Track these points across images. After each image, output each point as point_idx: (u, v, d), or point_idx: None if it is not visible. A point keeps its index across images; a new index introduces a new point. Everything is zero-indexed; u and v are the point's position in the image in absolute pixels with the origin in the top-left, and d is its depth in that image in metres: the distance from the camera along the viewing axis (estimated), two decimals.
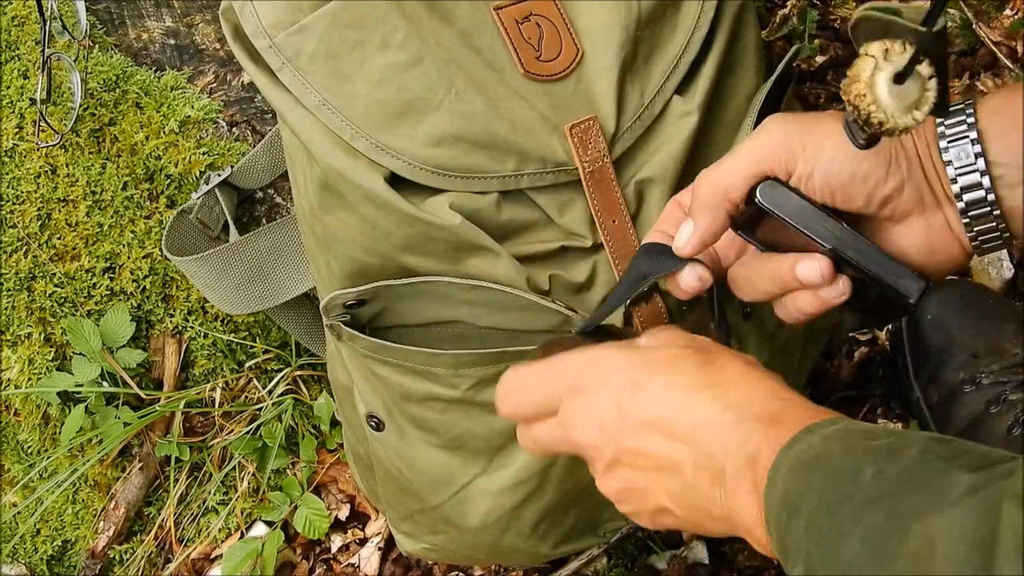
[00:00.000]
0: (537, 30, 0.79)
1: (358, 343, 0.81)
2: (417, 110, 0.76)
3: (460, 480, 0.85)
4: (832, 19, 1.31)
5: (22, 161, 1.06)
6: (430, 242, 0.76)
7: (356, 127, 0.75)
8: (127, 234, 1.07)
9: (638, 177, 0.80)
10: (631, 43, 0.79)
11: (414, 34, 0.76)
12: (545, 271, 0.79)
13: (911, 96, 0.52)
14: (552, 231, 0.79)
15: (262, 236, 0.97)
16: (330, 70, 0.76)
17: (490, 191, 0.77)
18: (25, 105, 1.06)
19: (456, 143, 0.76)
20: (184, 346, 1.11)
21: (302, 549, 1.15)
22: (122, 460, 1.14)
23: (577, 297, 0.80)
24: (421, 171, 0.76)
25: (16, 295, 1.08)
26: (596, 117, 0.78)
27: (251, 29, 0.77)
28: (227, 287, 0.98)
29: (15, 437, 1.15)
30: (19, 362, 1.10)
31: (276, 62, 0.76)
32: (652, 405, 0.63)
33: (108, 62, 1.06)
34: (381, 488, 0.92)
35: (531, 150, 0.77)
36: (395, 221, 0.76)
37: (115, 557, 1.15)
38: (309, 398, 1.13)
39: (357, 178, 0.75)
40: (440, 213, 0.75)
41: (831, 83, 1.29)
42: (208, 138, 1.06)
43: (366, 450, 0.91)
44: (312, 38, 0.76)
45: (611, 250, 0.80)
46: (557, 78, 0.79)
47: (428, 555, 0.95)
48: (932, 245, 0.65)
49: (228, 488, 1.15)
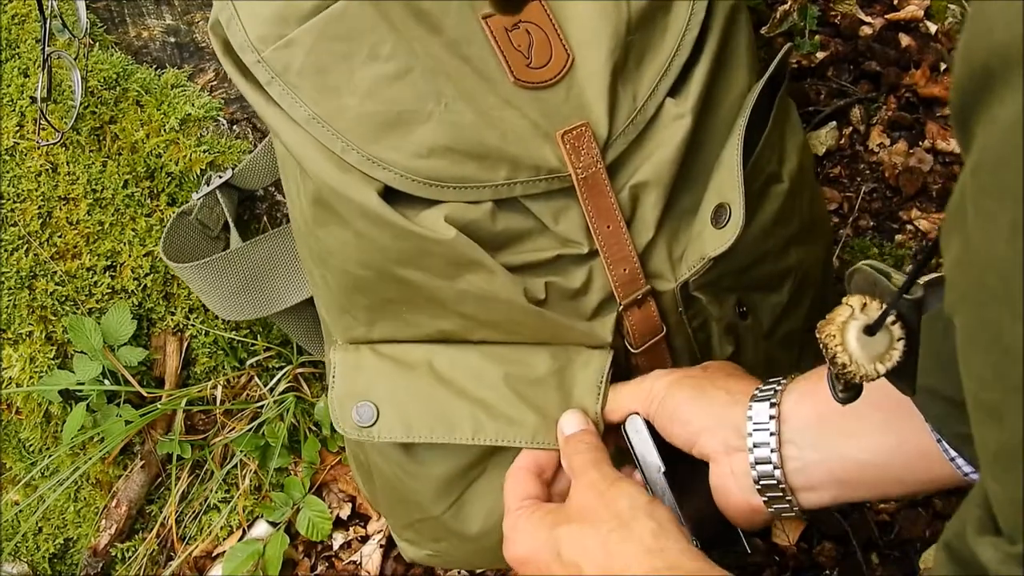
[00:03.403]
0: (527, 37, 0.79)
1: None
2: (407, 121, 0.75)
3: (461, 484, 0.85)
4: (833, 15, 1.31)
5: (23, 159, 1.06)
6: (426, 256, 0.76)
7: (347, 140, 0.75)
8: (128, 232, 1.07)
9: (632, 182, 0.79)
10: (621, 47, 0.79)
11: (402, 45, 0.76)
12: (541, 279, 0.79)
13: (878, 349, 0.56)
14: (548, 239, 0.79)
15: (258, 245, 0.97)
16: (319, 84, 0.75)
17: (483, 200, 0.77)
18: (26, 103, 1.06)
19: (447, 153, 0.75)
20: (185, 344, 1.11)
21: (304, 547, 1.15)
22: (124, 458, 1.14)
23: (572, 303, 0.80)
24: (413, 183, 0.75)
25: (17, 293, 1.08)
26: (588, 123, 0.78)
27: (239, 43, 0.77)
28: (222, 295, 0.98)
29: (17, 435, 1.15)
30: (20, 360, 1.10)
31: (265, 76, 0.76)
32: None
33: (108, 60, 1.06)
34: (381, 497, 0.92)
35: (523, 158, 0.77)
36: (390, 235, 0.75)
37: (117, 555, 1.15)
38: (311, 396, 1.13)
39: (351, 193, 0.75)
40: (435, 227, 0.75)
41: (831, 79, 1.29)
42: (209, 136, 1.06)
43: (367, 458, 0.91)
44: (300, 52, 0.75)
45: (605, 256, 0.79)
46: (548, 85, 0.79)
47: (432, 561, 0.95)
48: (723, 489, 0.76)
49: (230, 486, 1.15)
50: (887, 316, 0.55)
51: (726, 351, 0.85)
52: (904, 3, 1.32)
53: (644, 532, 0.68)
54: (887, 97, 1.27)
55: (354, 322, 0.83)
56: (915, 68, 1.28)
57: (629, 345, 0.82)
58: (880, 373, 0.56)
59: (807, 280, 0.90)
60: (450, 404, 0.80)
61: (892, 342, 0.56)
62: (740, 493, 0.75)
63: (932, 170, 1.23)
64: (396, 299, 0.80)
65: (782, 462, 0.72)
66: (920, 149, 1.25)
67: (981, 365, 0.41)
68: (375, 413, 0.81)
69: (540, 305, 0.78)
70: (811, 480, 0.73)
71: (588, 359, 0.81)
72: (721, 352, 0.85)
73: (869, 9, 1.33)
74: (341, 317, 0.84)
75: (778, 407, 0.73)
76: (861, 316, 0.56)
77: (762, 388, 0.75)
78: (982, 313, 0.40)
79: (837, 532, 1.06)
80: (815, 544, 1.06)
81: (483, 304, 0.78)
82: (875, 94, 1.28)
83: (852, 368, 0.56)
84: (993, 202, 0.38)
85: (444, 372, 0.81)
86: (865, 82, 1.28)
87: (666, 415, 0.77)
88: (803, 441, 0.72)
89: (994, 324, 0.39)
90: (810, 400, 0.72)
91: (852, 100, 1.27)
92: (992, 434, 0.41)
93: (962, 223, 0.40)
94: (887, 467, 0.71)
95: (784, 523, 1.06)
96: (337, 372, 0.83)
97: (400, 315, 0.81)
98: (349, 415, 0.81)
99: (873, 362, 0.56)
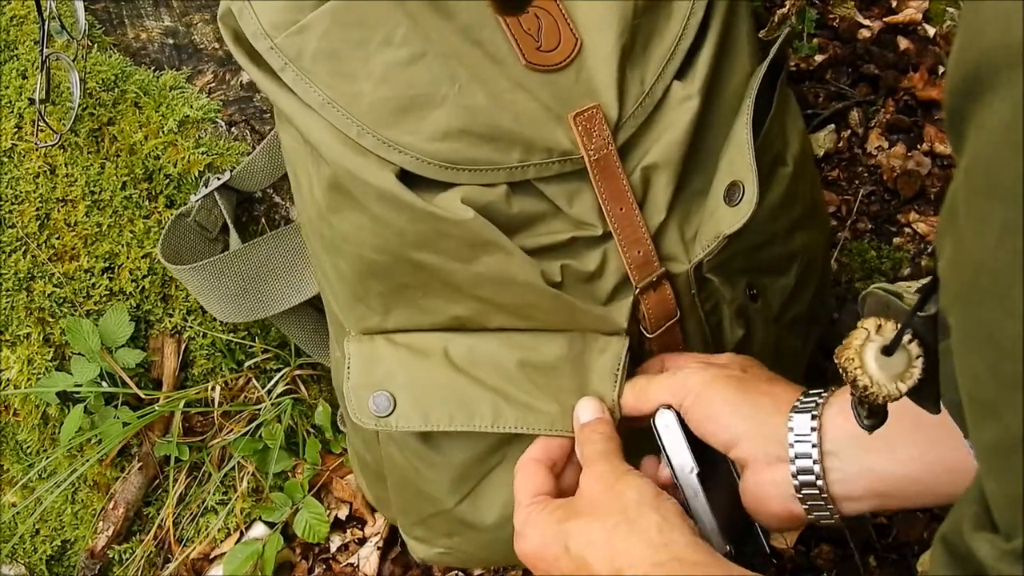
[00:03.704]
0: (536, 21, 0.80)
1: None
2: (421, 105, 0.76)
3: (478, 473, 0.85)
4: (831, 18, 1.32)
5: (21, 161, 1.06)
6: (443, 239, 0.76)
7: (362, 124, 0.75)
8: (126, 234, 1.07)
9: (643, 163, 0.80)
10: (629, 32, 0.80)
11: (416, 30, 0.77)
12: (557, 262, 0.79)
13: (897, 368, 0.57)
14: (562, 221, 0.80)
15: (257, 247, 0.97)
16: (333, 69, 0.76)
17: (498, 183, 0.77)
18: (24, 105, 1.06)
19: (462, 136, 0.76)
20: (183, 346, 1.11)
21: (301, 549, 1.15)
22: (121, 460, 1.14)
23: (588, 286, 0.80)
24: (429, 166, 0.76)
25: (15, 295, 1.08)
26: (599, 105, 0.79)
27: (251, 31, 0.77)
28: (220, 297, 0.98)
29: (14, 437, 1.15)
30: (18, 362, 1.09)
31: (278, 63, 0.76)
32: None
33: (107, 62, 1.06)
34: (393, 495, 0.91)
35: (536, 140, 0.77)
36: (407, 218, 0.76)
37: (114, 557, 1.15)
38: (309, 398, 1.13)
39: (367, 176, 0.75)
40: (452, 208, 0.76)
41: (829, 82, 1.29)
42: (207, 138, 1.06)
43: (375, 457, 0.91)
44: (313, 38, 0.76)
45: (619, 238, 0.80)
46: (558, 68, 0.80)
47: (443, 559, 0.94)
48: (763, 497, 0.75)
49: (227, 488, 1.15)
50: (903, 335, 0.56)
51: (737, 334, 0.86)
52: (903, 6, 1.33)
53: (650, 526, 0.68)
54: (885, 100, 1.28)
55: (368, 311, 0.83)
56: (913, 71, 1.28)
57: (644, 330, 0.82)
58: (902, 392, 0.57)
59: (812, 264, 0.92)
60: (468, 392, 0.80)
61: (911, 360, 0.57)
62: (781, 501, 0.75)
63: (930, 173, 1.23)
64: (411, 284, 0.80)
65: (824, 473, 0.72)
66: (918, 152, 1.25)
67: (976, 364, 0.41)
68: (392, 403, 0.81)
69: (556, 288, 0.79)
70: (851, 491, 0.73)
71: (605, 346, 0.81)
72: (732, 335, 0.86)
73: (867, 12, 1.33)
74: (355, 307, 0.84)
75: (819, 419, 0.73)
76: (877, 338, 0.57)
77: (803, 400, 0.75)
78: (975, 312, 0.41)
79: (835, 535, 1.06)
80: (813, 547, 1.06)
81: (500, 287, 0.78)
82: (873, 97, 1.28)
83: (874, 389, 0.57)
84: (984, 202, 0.39)
85: (460, 360, 0.81)
86: (863, 85, 1.29)
87: (703, 413, 0.77)
88: (844, 454, 0.73)
89: (987, 323, 0.40)
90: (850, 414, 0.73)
91: (850, 103, 1.27)
92: (988, 431, 0.41)
93: (955, 224, 0.41)
94: (925, 481, 0.71)
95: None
96: (352, 363, 0.83)
97: (415, 301, 0.81)
98: (366, 405, 0.81)
99: (894, 381, 0.57)
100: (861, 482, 0.73)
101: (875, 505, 0.74)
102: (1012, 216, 0.37)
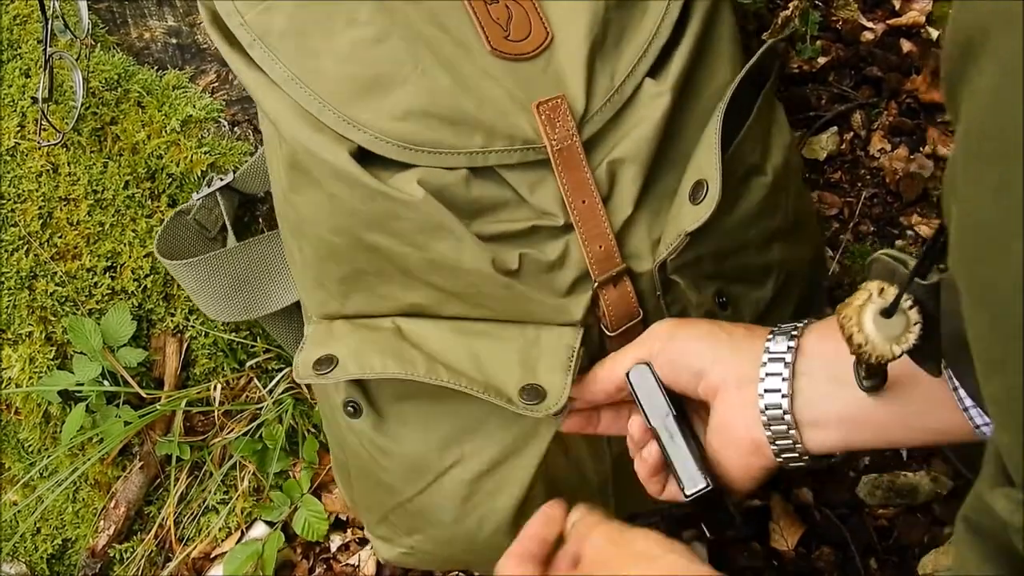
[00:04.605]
0: (506, 11, 0.80)
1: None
2: (384, 85, 0.77)
3: (436, 468, 0.85)
4: (834, 20, 1.31)
5: (24, 160, 1.06)
6: (395, 220, 0.76)
7: (323, 100, 0.76)
8: (128, 233, 1.07)
9: (610, 158, 0.80)
10: (600, 26, 0.80)
11: (382, 11, 0.78)
12: (516, 250, 0.79)
13: (894, 331, 0.59)
14: (523, 210, 0.80)
15: (252, 247, 0.97)
16: (298, 46, 0.77)
17: (458, 167, 0.77)
18: (27, 104, 1.06)
19: (423, 118, 0.76)
20: (185, 345, 1.11)
21: (302, 549, 1.15)
22: (122, 459, 1.14)
23: (548, 276, 0.80)
24: (388, 145, 0.76)
25: (17, 294, 1.08)
26: (564, 96, 0.79)
27: (225, 10, 0.79)
28: (212, 294, 0.98)
29: (16, 436, 1.15)
30: (20, 361, 1.10)
31: (247, 38, 0.78)
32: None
33: (110, 61, 1.06)
34: (356, 488, 0.92)
35: (499, 127, 0.77)
36: (360, 196, 0.76)
37: (115, 556, 1.15)
38: (310, 397, 1.13)
39: (323, 153, 0.76)
40: (406, 188, 0.76)
41: (832, 84, 1.29)
42: (210, 137, 1.06)
43: (344, 450, 0.91)
44: (281, 15, 0.78)
45: (581, 230, 0.79)
46: (526, 58, 0.80)
47: (406, 560, 0.94)
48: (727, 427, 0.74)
49: (228, 487, 1.15)
50: (900, 298, 0.58)
51: None
52: (906, 9, 1.33)
53: (674, 564, 0.67)
54: (888, 102, 1.28)
55: (328, 297, 0.83)
56: (916, 74, 1.28)
57: (604, 328, 0.82)
58: (896, 354, 0.59)
59: (792, 279, 0.90)
60: (408, 353, 0.80)
61: (908, 325, 0.59)
62: (745, 427, 0.73)
63: (933, 176, 1.23)
64: (368, 270, 0.80)
65: (792, 393, 0.71)
66: (921, 155, 1.25)
67: (980, 322, 0.43)
68: (334, 362, 0.81)
69: (511, 276, 0.78)
70: (818, 416, 0.71)
71: (559, 336, 0.80)
72: None
73: (871, 14, 1.33)
74: (316, 291, 0.84)
75: (798, 339, 0.72)
76: (878, 300, 0.59)
77: (783, 325, 0.73)
78: (977, 271, 0.42)
79: (836, 537, 1.06)
80: (814, 549, 1.06)
81: (451, 273, 0.78)
82: (876, 99, 1.28)
83: (867, 348, 0.59)
84: (980, 164, 0.41)
85: (410, 335, 0.81)
86: (866, 87, 1.29)
87: (675, 349, 0.75)
88: (817, 374, 0.71)
89: (988, 280, 0.41)
90: (833, 340, 0.69)
91: (853, 105, 1.27)
92: (994, 384, 0.43)
93: (955, 189, 0.43)
94: (897, 409, 0.69)
95: (783, 527, 1.06)
96: (307, 341, 0.83)
97: (372, 287, 0.81)
98: (309, 367, 0.81)
99: (889, 343, 0.59)
100: (829, 405, 0.70)
101: (843, 438, 0.71)
102: (1006, 174, 0.39)
